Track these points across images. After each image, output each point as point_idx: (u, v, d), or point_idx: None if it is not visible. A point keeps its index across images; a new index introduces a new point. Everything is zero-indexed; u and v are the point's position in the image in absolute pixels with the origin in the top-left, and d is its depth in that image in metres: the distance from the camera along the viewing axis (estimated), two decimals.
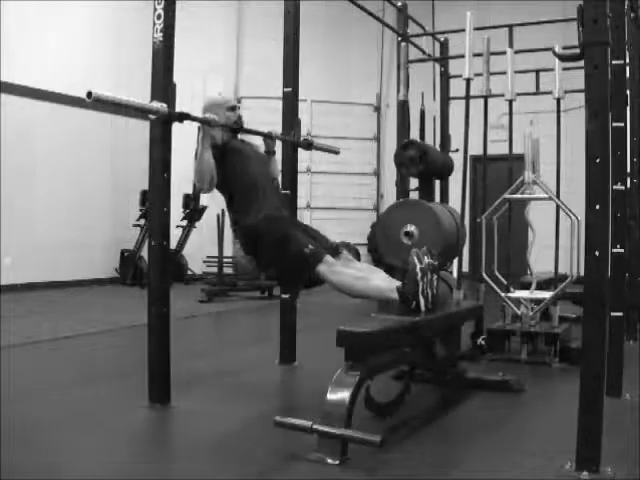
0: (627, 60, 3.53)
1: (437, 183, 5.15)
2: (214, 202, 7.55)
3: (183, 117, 2.99)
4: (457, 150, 5.07)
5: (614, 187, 3.12)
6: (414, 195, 4.90)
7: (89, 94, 2.58)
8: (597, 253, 2.20)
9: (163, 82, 3.02)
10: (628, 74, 4.03)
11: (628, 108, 3.64)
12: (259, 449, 2.49)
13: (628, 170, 3.85)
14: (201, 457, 2.41)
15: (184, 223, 8.63)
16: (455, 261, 4.71)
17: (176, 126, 3.05)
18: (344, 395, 2.45)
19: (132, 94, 2.91)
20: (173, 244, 8.13)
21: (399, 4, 5.21)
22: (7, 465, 2.25)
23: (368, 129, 10.85)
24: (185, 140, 3.93)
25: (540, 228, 4.37)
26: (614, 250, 3.13)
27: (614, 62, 3.11)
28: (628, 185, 3.95)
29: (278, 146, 3.91)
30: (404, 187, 4.93)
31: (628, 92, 3.88)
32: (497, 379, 3.41)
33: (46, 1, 7.89)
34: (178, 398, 3.06)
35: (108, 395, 3.26)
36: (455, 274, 4.56)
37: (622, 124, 3.19)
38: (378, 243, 4.50)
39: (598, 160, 2.22)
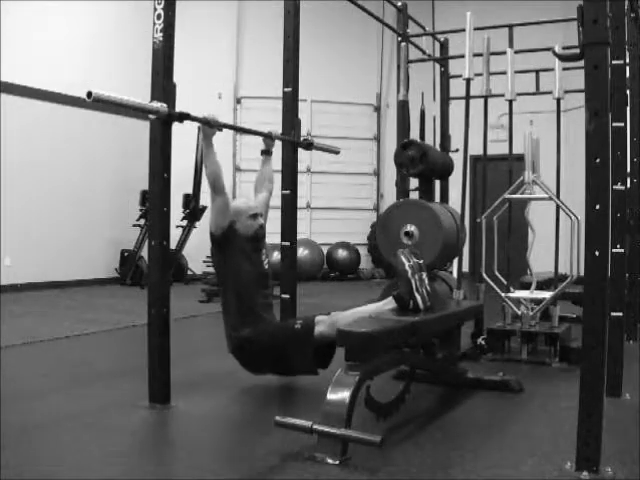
0: (627, 60, 3.53)
1: (437, 183, 5.15)
2: None
3: (183, 117, 2.99)
4: (457, 150, 5.07)
5: (614, 187, 3.12)
6: (414, 195, 4.91)
7: (89, 94, 2.58)
8: (597, 253, 2.20)
9: (163, 82, 3.02)
10: (628, 74, 4.04)
11: (628, 108, 3.64)
12: (259, 449, 2.49)
13: (628, 170, 3.85)
14: (201, 457, 2.41)
15: (184, 223, 8.63)
16: (455, 261, 4.71)
17: (176, 126, 3.05)
18: (344, 395, 2.45)
19: (132, 94, 2.91)
20: (173, 244, 8.13)
21: (399, 4, 5.21)
22: (7, 465, 2.25)
23: (368, 129, 10.86)
24: (185, 140, 3.93)
25: (540, 228, 4.37)
26: (614, 250, 3.13)
27: (614, 62, 3.11)
28: (628, 185, 3.96)
29: (278, 146, 3.92)
30: (404, 187, 4.93)
31: (628, 92, 3.88)
32: (497, 379, 3.41)
33: (46, 1, 7.90)
34: (178, 398, 3.06)
35: (108, 395, 3.26)
36: (455, 274, 4.56)
37: (622, 124, 3.19)
38: (378, 243, 4.50)
39: (598, 160, 2.21)
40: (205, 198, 8.41)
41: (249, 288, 3.34)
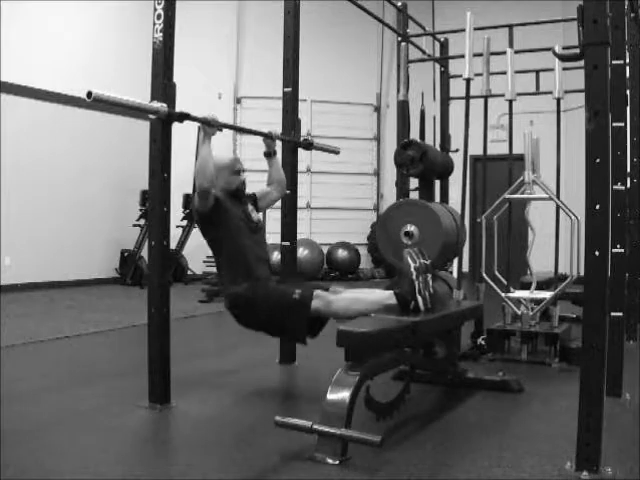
0: (627, 60, 3.53)
1: (437, 183, 5.15)
2: None
3: (183, 117, 2.99)
4: (457, 150, 5.07)
5: (614, 187, 3.12)
6: (414, 195, 4.90)
7: (89, 94, 2.58)
8: (597, 253, 2.20)
9: (163, 82, 3.02)
10: (628, 74, 4.04)
11: (628, 108, 3.64)
12: (259, 449, 2.49)
13: (628, 170, 3.85)
14: (201, 457, 2.41)
15: (184, 223, 8.63)
16: (455, 261, 4.71)
17: (176, 126, 3.05)
18: (344, 395, 2.45)
19: (132, 94, 2.91)
20: (173, 244, 8.13)
21: (399, 4, 5.20)
22: (7, 465, 2.25)
23: (368, 129, 10.86)
24: (185, 140, 3.93)
25: (540, 228, 4.37)
26: (614, 250, 3.12)
27: (614, 62, 3.10)
28: (628, 185, 3.96)
29: (278, 146, 3.92)
30: (404, 187, 4.93)
31: (628, 92, 3.88)
32: (497, 379, 3.41)
33: (47, 1, 7.90)
34: (178, 398, 3.07)
35: (108, 395, 3.27)
36: (455, 274, 4.56)
37: (622, 124, 3.18)
38: (378, 243, 4.50)
39: (598, 160, 2.21)
40: None
41: (239, 239, 3.32)
